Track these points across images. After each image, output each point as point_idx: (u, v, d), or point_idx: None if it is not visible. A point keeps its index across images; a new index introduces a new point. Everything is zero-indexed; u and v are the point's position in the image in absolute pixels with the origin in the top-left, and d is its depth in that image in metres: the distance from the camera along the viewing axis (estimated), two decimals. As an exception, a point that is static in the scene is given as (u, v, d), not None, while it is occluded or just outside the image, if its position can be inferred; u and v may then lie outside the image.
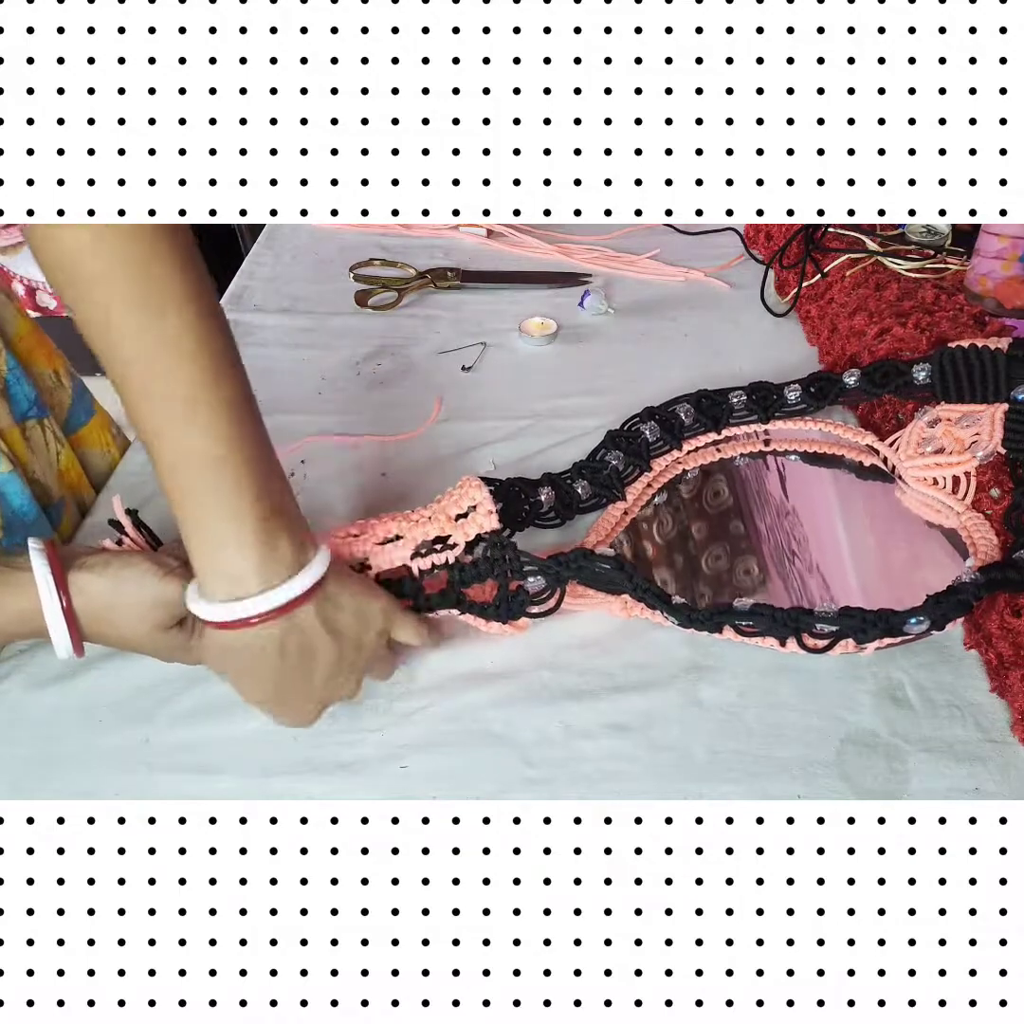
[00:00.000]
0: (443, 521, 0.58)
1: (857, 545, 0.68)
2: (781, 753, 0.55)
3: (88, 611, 0.51)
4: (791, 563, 0.67)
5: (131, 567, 0.52)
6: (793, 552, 0.67)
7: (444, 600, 0.58)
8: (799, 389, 0.76)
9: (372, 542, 0.57)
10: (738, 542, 0.69)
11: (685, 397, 0.76)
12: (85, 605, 0.50)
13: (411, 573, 0.57)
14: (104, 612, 0.51)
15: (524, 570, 0.57)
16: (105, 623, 0.51)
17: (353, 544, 0.57)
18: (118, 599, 0.51)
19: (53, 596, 0.49)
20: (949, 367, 0.71)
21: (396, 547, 0.57)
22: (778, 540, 0.68)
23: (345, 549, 0.57)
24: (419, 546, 0.58)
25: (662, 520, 0.70)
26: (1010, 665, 0.57)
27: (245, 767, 0.55)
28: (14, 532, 0.66)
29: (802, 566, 0.66)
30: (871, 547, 0.68)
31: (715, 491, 0.73)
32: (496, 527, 0.58)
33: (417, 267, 1.02)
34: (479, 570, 0.57)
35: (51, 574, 0.50)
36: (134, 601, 0.51)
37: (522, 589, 0.58)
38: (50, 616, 0.50)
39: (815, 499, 0.72)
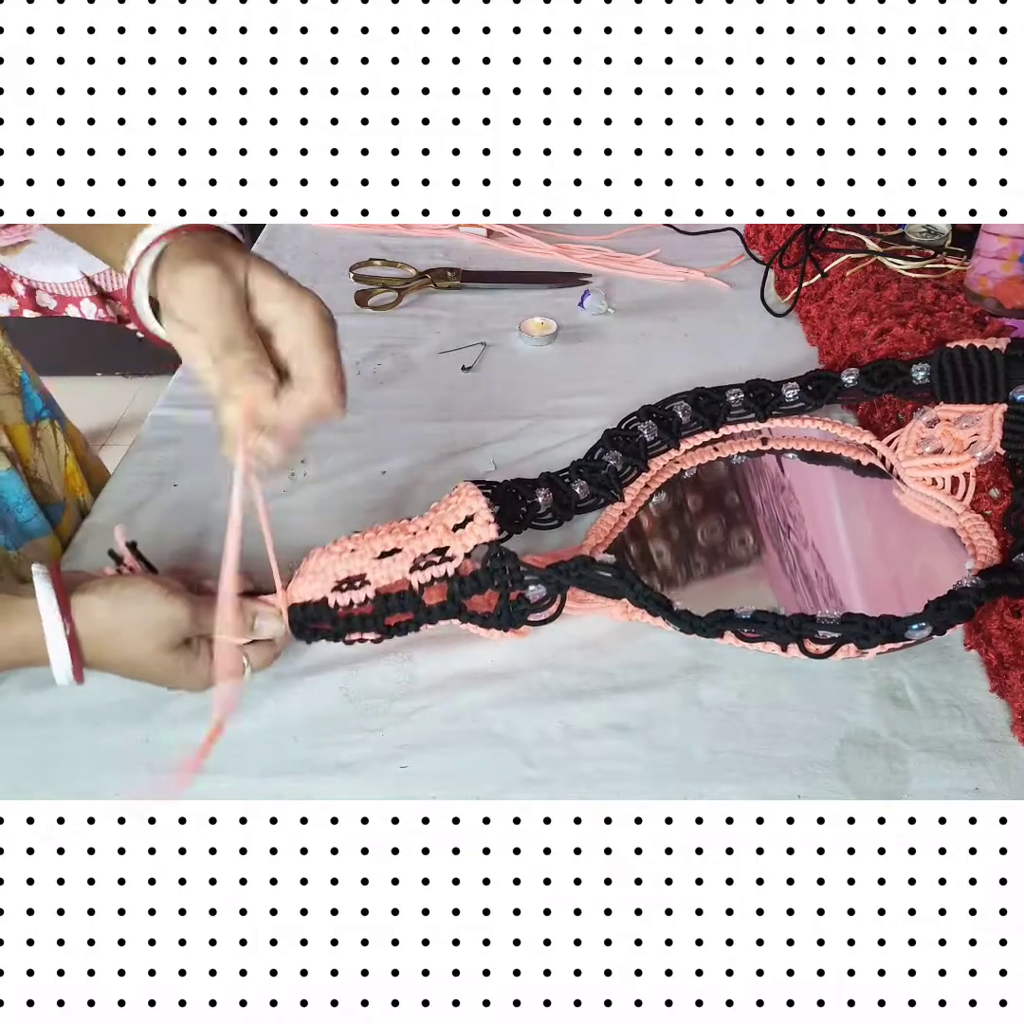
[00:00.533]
0: (441, 532, 0.58)
1: (851, 522, 0.68)
2: (781, 753, 0.55)
3: (91, 635, 0.50)
4: (786, 537, 0.67)
5: (132, 587, 0.52)
6: (788, 527, 0.67)
7: (445, 612, 0.57)
8: (797, 387, 0.76)
9: (369, 557, 0.57)
10: (733, 513, 0.68)
11: (682, 395, 0.76)
12: (88, 628, 0.50)
13: (411, 587, 0.57)
14: (107, 635, 0.51)
15: (524, 579, 0.57)
16: (107, 647, 0.51)
17: (350, 560, 0.57)
18: (121, 620, 0.51)
19: (56, 621, 0.49)
20: (948, 367, 0.71)
21: (394, 561, 0.57)
22: (773, 514, 0.68)
23: (343, 565, 0.56)
24: (417, 559, 0.57)
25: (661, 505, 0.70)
26: (1010, 665, 0.57)
27: (245, 767, 0.55)
28: (8, 529, 0.66)
29: (797, 541, 0.66)
30: (865, 526, 0.68)
31: (711, 475, 0.73)
32: (495, 537, 0.57)
33: (417, 267, 1.02)
34: (479, 581, 0.57)
35: (55, 598, 0.49)
36: (137, 621, 0.51)
37: (523, 597, 0.58)
38: (52, 641, 0.49)
39: (811, 487, 0.72)
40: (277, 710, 0.58)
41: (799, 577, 0.66)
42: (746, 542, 0.67)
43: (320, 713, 0.58)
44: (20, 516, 0.67)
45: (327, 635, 0.57)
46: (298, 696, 0.58)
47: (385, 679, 0.59)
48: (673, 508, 0.70)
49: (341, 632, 0.57)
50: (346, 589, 0.56)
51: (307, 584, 0.56)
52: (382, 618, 0.56)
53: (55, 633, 0.49)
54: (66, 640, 0.50)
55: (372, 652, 0.60)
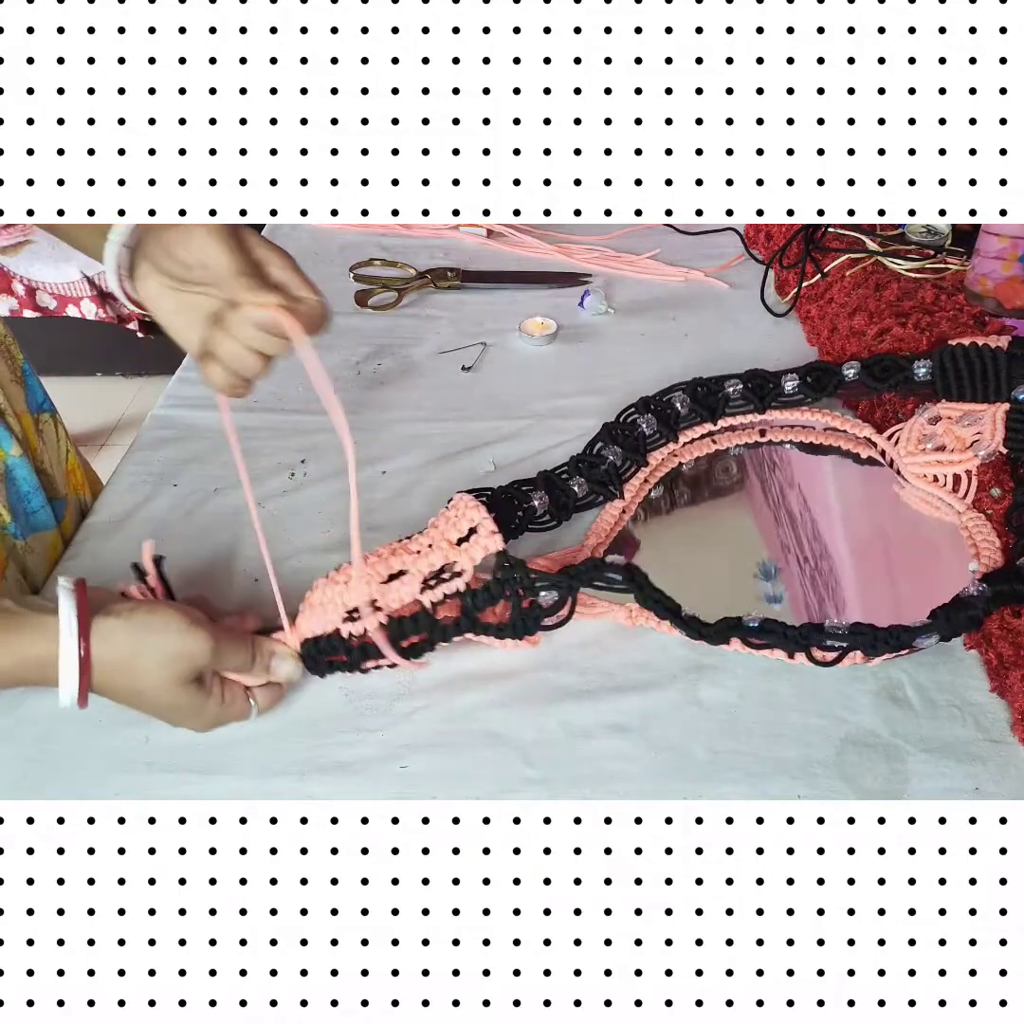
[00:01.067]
0: (446, 548, 0.57)
1: (851, 515, 0.68)
2: (781, 753, 0.55)
3: (108, 659, 0.49)
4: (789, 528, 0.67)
5: (157, 615, 0.51)
6: (791, 518, 0.68)
7: (459, 628, 0.57)
8: (796, 379, 0.75)
9: (376, 582, 0.56)
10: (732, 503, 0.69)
11: (680, 385, 0.76)
12: (106, 653, 0.49)
13: (423, 608, 0.56)
14: (124, 661, 0.50)
15: (536, 586, 0.57)
16: (121, 673, 0.50)
17: (357, 587, 0.55)
18: (141, 647, 0.50)
19: (73, 643, 0.48)
20: (950, 364, 0.71)
21: (403, 583, 0.56)
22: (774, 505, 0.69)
23: (351, 594, 0.55)
24: (426, 578, 0.56)
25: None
26: (1010, 665, 0.57)
27: (245, 767, 0.55)
28: (17, 517, 0.66)
29: (799, 532, 0.66)
30: (866, 519, 0.69)
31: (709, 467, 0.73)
32: (501, 547, 0.57)
33: (417, 267, 1.02)
34: (491, 593, 0.56)
35: (76, 618, 0.49)
36: (157, 649, 0.50)
37: (535, 604, 0.57)
38: (64, 662, 0.48)
39: (811, 479, 0.72)
40: (277, 710, 0.57)
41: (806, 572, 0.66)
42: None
43: (320, 713, 0.58)
44: (30, 506, 0.67)
45: (342, 667, 0.57)
46: (298, 696, 0.58)
47: (385, 679, 0.59)
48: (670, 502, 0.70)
49: (356, 661, 0.56)
50: (357, 618, 0.55)
51: (316, 617, 0.56)
52: (398, 642, 0.56)
53: (69, 655, 0.48)
54: (78, 662, 0.49)
55: (372, 652, 0.61)
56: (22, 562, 0.65)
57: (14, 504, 0.65)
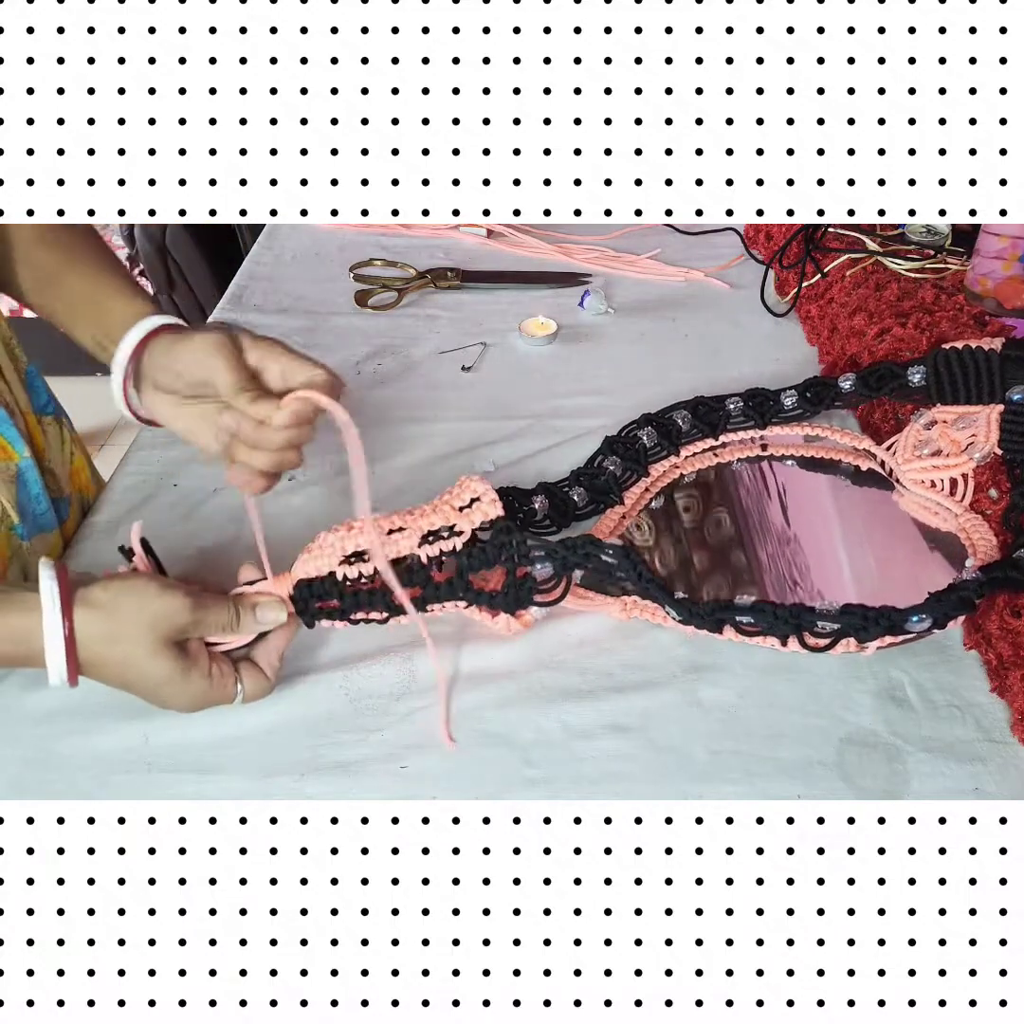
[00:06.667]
0: (448, 511, 0.58)
1: (849, 529, 0.68)
2: (781, 753, 0.55)
3: (89, 635, 0.50)
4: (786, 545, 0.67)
5: (132, 582, 0.52)
6: (789, 538, 0.68)
7: (452, 589, 0.57)
8: (795, 395, 0.76)
9: (377, 533, 0.57)
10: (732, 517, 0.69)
11: (682, 404, 0.76)
12: (89, 625, 0.50)
13: (419, 560, 0.57)
14: (107, 633, 0.51)
15: (531, 555, 0.57)
16: (105, 643, 0.51)
17: (359, 536, 0.56)
18: (121, 614, 0.51)
19: (57, 618, 0.49)
20: (944, 368, 0.71)
21: (403, 536, 0.57)
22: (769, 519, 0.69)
23: (351, 540, 0.56)
24: (425, 535, 0.57)
25: (658, 516, 0.71)
26: (1010, 665, 0.57)
27: (245, 767, 0.55)
28: (26, 519, 0.66)
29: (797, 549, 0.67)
30: (864, 532, 0.69)
31: (709, 485, 0.73)
32: (501, 514, 0.58)
33: (417, 267, 1.02)
34: (487, 555, 0.57)
35: (59, 595, 0.49)
36: (135, 614, 0.51)
37: (529, 576, 0.58)
38: (50, 638, 0.49)
39: (811, 500, 0.72)
40: (277, 710, 0.57)
41: (792, 583, 0.66)
42: (743, 548, 0.67)
43: (320, 713, 0.58)
44: (39, 507, 0.67)
45: (332, 614, 0.57)
46: (298, 696, 0.58)
47: (385, 679, 0.59)
48: (670, 513, 0.70)
49: (348, 608, 0.56)
50: (354, 562, 0.56)
51: (314, 560, 0.56)
52: (390, 593, 0.56)
53: (54, 630, 0.49)
54: (63, 639, 0.49)
55: (373, 652, 0.60)
56: (25, 563, 0.66)
57: (24, 505, 0.66)
